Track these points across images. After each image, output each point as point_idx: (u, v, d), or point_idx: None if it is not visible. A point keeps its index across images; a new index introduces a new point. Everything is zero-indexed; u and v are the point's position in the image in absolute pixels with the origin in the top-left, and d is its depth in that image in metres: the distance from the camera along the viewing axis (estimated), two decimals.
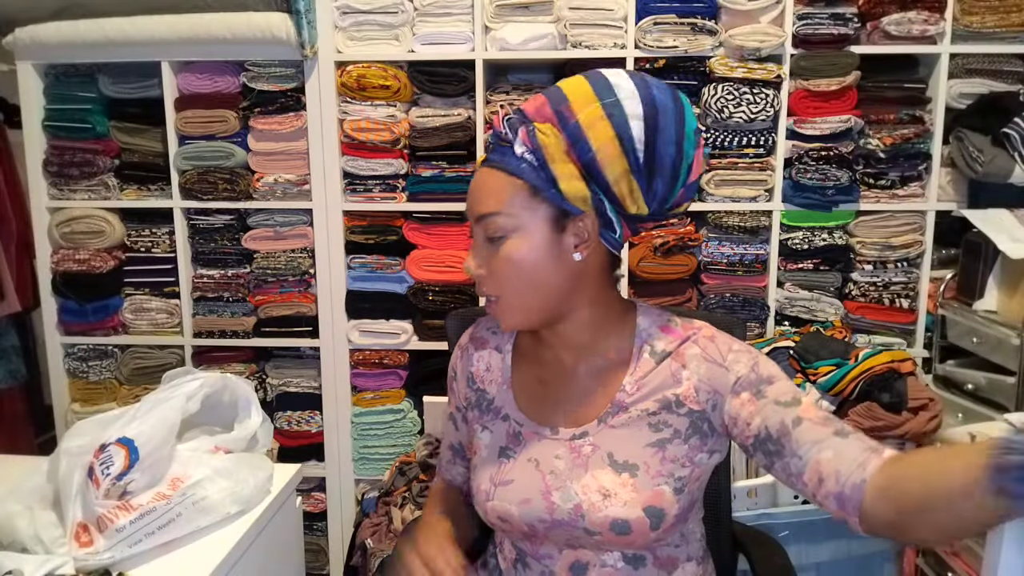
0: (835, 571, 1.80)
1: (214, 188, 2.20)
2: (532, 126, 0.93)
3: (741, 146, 2.10)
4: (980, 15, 2.03)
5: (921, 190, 2.13)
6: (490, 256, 0.97)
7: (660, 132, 0.93)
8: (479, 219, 0.97)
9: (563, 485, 0.98)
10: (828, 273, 2.17)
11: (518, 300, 0.98)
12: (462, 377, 1.14)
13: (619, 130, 0.92)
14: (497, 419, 1.07)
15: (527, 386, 1.07)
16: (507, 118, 0.96)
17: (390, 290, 2.25)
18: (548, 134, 0.92)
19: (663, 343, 1.01)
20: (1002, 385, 1.83)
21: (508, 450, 1.04)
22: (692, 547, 1.04)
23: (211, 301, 2.29)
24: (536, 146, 0.92)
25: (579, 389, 1.03)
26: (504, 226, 0.95)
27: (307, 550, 2.32)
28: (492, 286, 0.99)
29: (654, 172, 0.94)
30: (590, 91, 0.93)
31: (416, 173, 2.18)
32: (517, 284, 0.97)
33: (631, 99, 0.93)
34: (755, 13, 2.04)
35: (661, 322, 1.03)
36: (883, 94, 2.12)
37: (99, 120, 2.23)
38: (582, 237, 0.96)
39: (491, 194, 0.96)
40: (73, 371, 2.34)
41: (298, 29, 2.04)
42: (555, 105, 0.93)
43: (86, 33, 2.10)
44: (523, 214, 0.94)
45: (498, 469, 1.03)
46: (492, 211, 0.95)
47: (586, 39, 2.06)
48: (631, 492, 0.94)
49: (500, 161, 0.96)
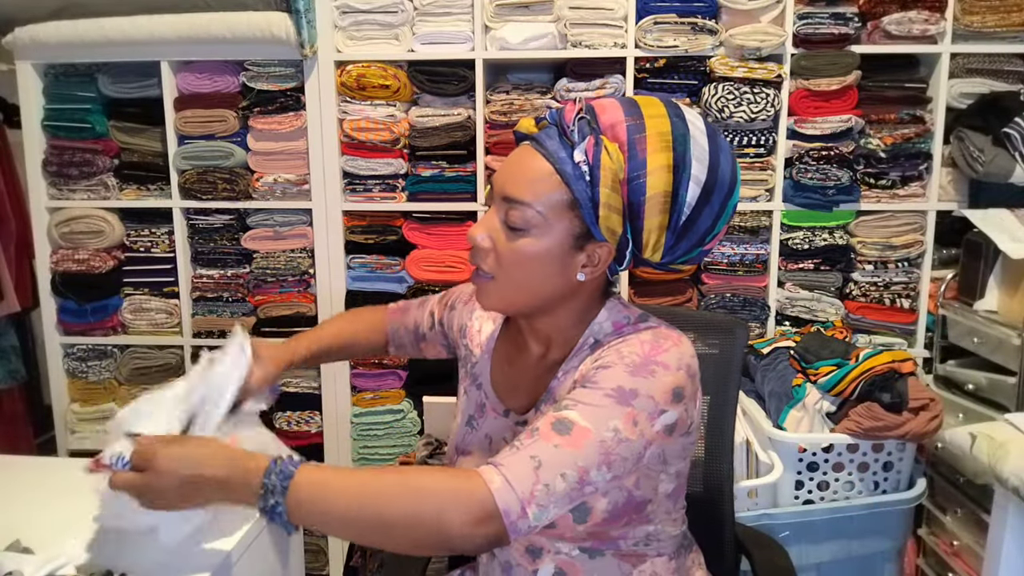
0: (836, 571, 1.80)
1: (213, 188, 2.19)
2: (601, 140, 0.90)
3: (742, 146, 2.10)
4: (981, 15, 2.03)
5: (922, 190, 2.13)
6: (501, 237, 0.95)
7: (709, 204, 0.92)
8: (507, 200, 0.93)
9: None
10: (829, 273, 2.16)
11: (509, 289, 0.97)
12: (456, 319, 1.20)
13: (677, 187, 0.90)
14: (473, 385, 1.12)
15: (501, 363, 1.10)
16: (579, 117, 0.91)
17: (390, 290, 2.24)
18: (612, 158, 0.89)
19: (604, 336, 1.00)
20: (1003, 385, 1.83)
21: (473, 420, 1.09)
22: (662, 544, 1.02)
23: (210, 301, 2.29)
24: (596, 164, 0.89)
25: (534, 376, 1.05)
26: (530, 221, 0.92)
27: (307, 550, 2.32)
28: (491, 265, 0.97)
29: (684, 235, 0.93)
30: (668, 134, 0.91)
31: (416, 173, 2.17)
32: (516, 276, 0.96)
33: (700, 161, 0.91)
34: (755, 13, 2.04)
35: (617, 318, 1.01)
36: (884, 94, 2.11)
37: (98, 120, 2.22)
38: (593, 262, 0.95)
39: (530, 182, 0.92)
40: (72, 371, 2.33)
41: (298, 29, 2.04)
42: (632, 133, 0.90)
43: (85, 33, 2.09)
44: (552, 217, 0.92)
45: (462, 438, 1.10)
46: (526, 200, 0.92)
47: (586, 39, 2.06)
48: None
49: (554, 154, 0.91)
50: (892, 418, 1.71)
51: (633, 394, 0.88)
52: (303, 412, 2.31)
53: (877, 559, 1.83)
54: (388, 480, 0.84)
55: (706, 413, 1.34)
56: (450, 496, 0.81)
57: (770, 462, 1.74)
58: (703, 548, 1.18)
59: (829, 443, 1.75)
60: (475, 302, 1.15)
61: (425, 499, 0.81)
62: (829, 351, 1.84)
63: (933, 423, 1.72)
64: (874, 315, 2.15)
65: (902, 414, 1.72)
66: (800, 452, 1.75)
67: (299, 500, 0.82)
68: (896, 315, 2.15)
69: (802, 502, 1.77)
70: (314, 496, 0.83)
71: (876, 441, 1.75)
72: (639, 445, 0.89)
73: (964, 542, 1.83)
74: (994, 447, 1.47)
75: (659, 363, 0.91)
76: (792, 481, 1.76)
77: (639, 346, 0.93)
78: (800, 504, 1.77)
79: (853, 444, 1.75)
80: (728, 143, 0.96)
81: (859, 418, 1.72)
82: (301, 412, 2.31)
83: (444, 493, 0.82)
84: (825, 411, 1.79)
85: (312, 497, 0.83)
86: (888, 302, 2.15)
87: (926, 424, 1.71)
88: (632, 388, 0.89)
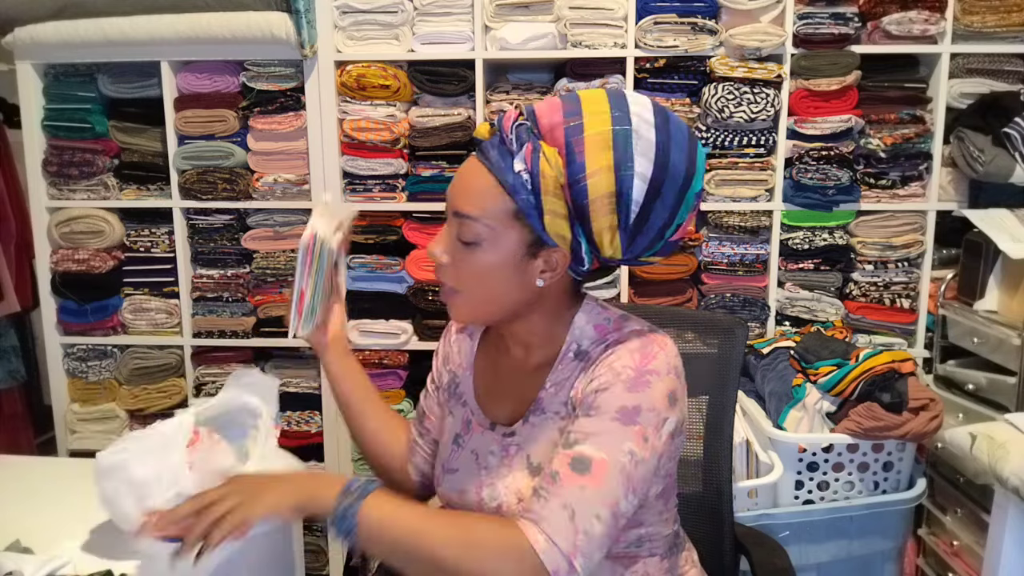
0: (835, 571, 1.80)
1: (213, 188, 2.19)
2: (540, 146, 0.88)
3: (741, 146, 2.10)
4: (981, 15, 2.03)
5: (922, 190, 2.13)
6: (457, 252, 0.95)
7: (661, 198, 0.89)
8: (457, 215, 0.94)
9: (492, 482, 1.00)
10: (829, 273, 2.16)
11: (475, 301, 0.98)
12: (441, 356, 1.18)
13: (620, 187, 0.88)
14: (458, 404, 1.11)
15: (485, 375, 1.09)
16: (518, 124, 0.90)
17: (390, 290, 2.24)
18: (551, 164, 0.87)
19: (588, 342, 0.99)
20: (1003, 385, 1.83)
21: (460, 438, 1.08)
22: (654, 545, 1.03)
23: (210, 301, 2.29)
24: (536, 172, 0.87)
25: (515, 385, 1.04)
26: (479, 234, 0.92)
27: (307, 550, 2.31)
28: (453, 279, 0.97)
29: (639, 231, 0.91)
30: (608, 132, 0.88)
31: (416, 173, 2.17)
32: (477, 288, 0.96)
33: (645, 156, 0.88)
34: (756, 12, 2.04)
35: (597, 320, 1.01)
36: (884, 94, 2.11)
37: (98, 120, 2.22)
38: (551, 266, 0.94)
39: (476, 196, 0.92)
40: (72, 371, 2.33)
41: (297, 29, 2.04)
42: (569, 134, 0.88)
43: (85, 33, 2.09)
44: (501, 229, 0.91)
45: (448, 456, 1.08)
46: (472, 215, 0.92)
47: (586, 39, 2.06)
48: None
49: (495, 166, 0.90)
50: (892, 418, 1.71)
51: (636, 411, 0.89)
52: (303, 412, 2.31)
53: (877, 559, 1.83)
54: (445, 524, 0.88)
55: (706, 413, 1.34)
56: (499, 554, 0.84)
57: (770, 462, 1.74)
58: (702, 548, 1.18)
59: (829, 443, 1.75)
60: (448, 335, 1.17)
61: (475, 553, 0.85)
62: (829, 351, 1.84)
63: (933, 423, 1.72)
64: (874, 315, 2.15)
65: (902, 414, 1.72)
66: (800, 452, 1.75)
67: (368, 518, 0.87)
68: (896, 315, 2.15)
69: (802, 502, 1.77)
70: (382, 517, 0.87)
71: (876, 441, 1.75)
72: (653, 460, 0.90)
73: (964, 542, 1.83)
74: (994, 447, 1.47)
75: (651, 372, 0.91)
76: (792, 481, 1.76)
77: (629, 358, 0.92)
78: (800, 504, 1.77)
79: (853, 444, 1.75)
80: (689, 131, 0.93)
81: (859, 418, 1.72)
82: (301, 412, 2.31)
83: (494, 550, 0.85)
84: (825, 411, 1.79)
85: (380, 517, 0.87)
86: (888, 302, 2.15)
87: (926, 424, 1.71)
88: (634, 405, 0.89)
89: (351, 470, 2.31)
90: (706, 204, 2.14)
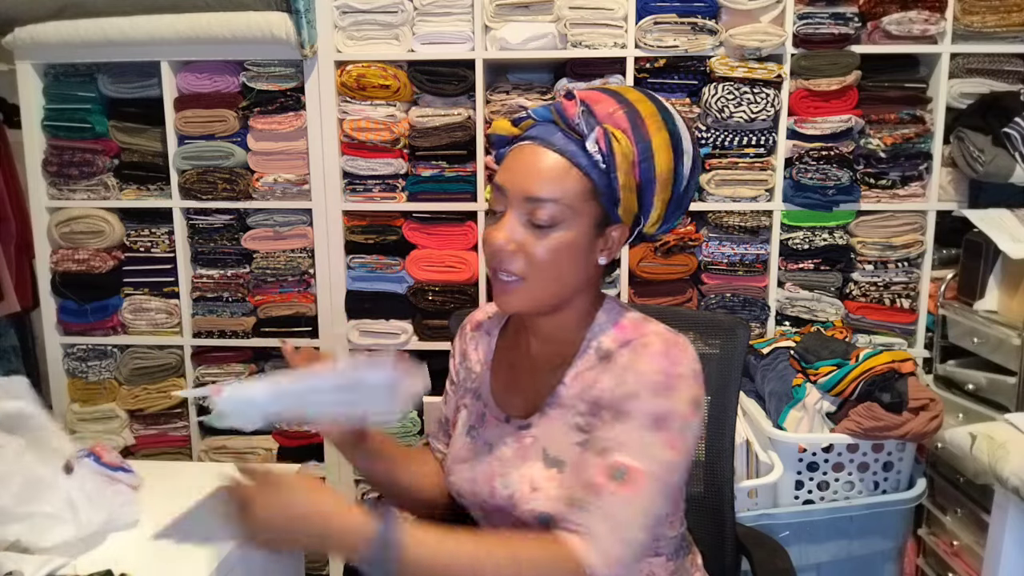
0: (836, 571, 1.80)
1: (214, 188, 2.19)
2: (608, 129, 0.93)
3: (741, 146, 2.10)
4: (980, 15, 2.03)
5: (922, 190, 2.13)
6: (528, 238, 0.96)
7: (695, 171, 1.00)
8: (531, 200, 0.94)
9: (506, 472, 1.01)
10: (829, 273, 2.16)
11: (540, 287, 0.98)
12: (458, 354, 1.19)
13: (676, 162, 0.97)
14: (473, 398, 1.12)
15: (502, 370, 1.11)
16: (582, 111, 0.94)
17: (390, 290, 2.24)
18: (622, 143, 0.93)
19: (609, 340, 1.01)
20: (1003, 385, 1.83)
21: (473, 430, 1.10)
22: (660, 545, 1.05)
23: (210, 301, 2.29)
24: (610, 152, 0.92)
25: (535, 378, 1.06)
26: (557, 216, 0.94)
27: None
28: (520, 266, 0.96)
29: (679, 206, 1.00)
30: (658, 115, 0.96)
31: (416, 173, 2.17)
32: (548, 273, 0.97)
33: (686, 136, 0.98)
34: (756, 13, 2.04)
35: (617, 319, 1.03)
36: (884, 94, 2.11)
37: (98, 120, 2.22)
38: (609, 244, 0.99)
39: (551, 179, 0.94)
40: (72, 371, 2.33)
41: (298, 29, 2.04)
42: (631, 118, 0.95)
43: (86, 33, 2.09)
44: (577, 207, 0.95)
45: (461, 446, 1.09)
46: (551, 197, 0.94)
47: (586, 39, 2.06)
48: (556, 488, 0.96)
49: (565, 149, 0.94)
50: (892, 418, 1.71)
51: (665, 417, 0.91)
52: None
53: (877, 559, 1.83)
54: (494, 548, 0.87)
55: (707, 413, 1.34)
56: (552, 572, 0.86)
57: (770, 462, 1.74)
58: (704, 548, 1.19)
59: (829, 443, 1.75)
60: (465, 334, 1.19)
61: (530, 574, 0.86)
62: (829, 351, 1.84)
63: (933, 423, 1.72)
64: (874, 315, 2.15)
65: (902, 414, 1.72)
66: (800, 452, 1.75)
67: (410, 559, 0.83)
68: (896, 315, 2.15)
69: (802, 502, 1.78)
70: (424, 556, 0.83)
71: (876, 441, 1.75)
72: (683, 464, 0.93)
73: (964, 542, 1.83)
74: (994, 447, 1.47)
75: (677, 376, 0.94)
76: (792, 481, 1.76)
77: (656, 362, 0.94)
78: (800, 504, 1.77)
79: (853, 444, 1.75)
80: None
81: (859, 418, 1.72)
82: None
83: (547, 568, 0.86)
84: (825, 411, 1.79)
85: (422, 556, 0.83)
86: (888, 302, 2.15)
87: (926, 424, 1.71)
88: (664, 411, 0.92)
89: (351, 470, 2.31)
90: (706, 204, 2.14)
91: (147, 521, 1.25)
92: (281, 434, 2.31)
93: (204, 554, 1.13)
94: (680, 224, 2.15)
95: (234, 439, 2.32)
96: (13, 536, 1.09)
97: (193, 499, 0.89)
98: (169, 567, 1.10)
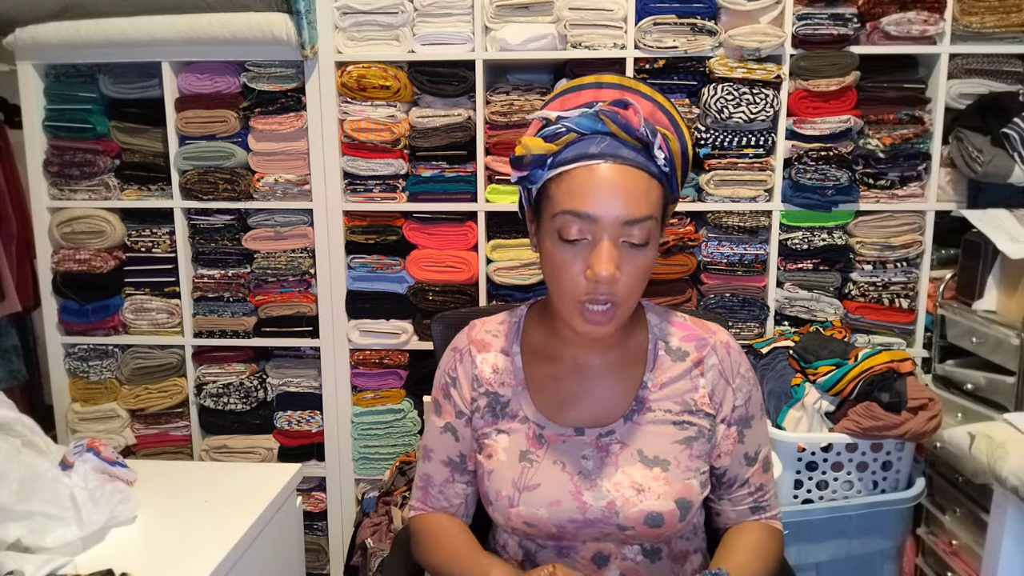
0: (835, 570, 1.81)
1: (214, 188, 2.20)
2: (659, 131, 0.94)
3: (741, 146, 2.10)
4: (980, 15, 2.03)
5: (921, 190, 2.13)
6: (627, 259, 0.93)
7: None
8: (633, 223, 0.91)
9: (594, 484, 1.00)
10: (828, 273, 2.17)
11: (629, 307, 0.97)
12: (465, 381, 1.09)
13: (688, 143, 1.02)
14: (514, 422, 1.05)
15: (543, 386, 1.06)
16: (645, 120, 0.93)
17: (390, 290, 2.25)
18: (672, 141, 0.96)
19: (676, 340, 1.06)
20: (1002, 385, 1.84)
21: (530, 454, 1.03)
22: (698, 539, 1.09)
23: (211, 301, 2.29)
24: (671, 154, 0.95)
25: (598, 386, 1.05)
26: (651, 231, 0.94)
27: (307, 550, 2.32)
28: (622, 290, 0.94)
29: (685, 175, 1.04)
30: (664, 97, 1.00)
31: (416, 173, 2.18)
32: (640, 288, 0.97)
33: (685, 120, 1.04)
34: (755, 13, 2.04)
35: (668, 317, 1.09)
36: (883, 94, 2.12)
37: (99, 120, 2.23)
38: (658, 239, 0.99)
39: (641, 196, 0.92)
40: (73, 371, 2.34)
41: (298, 29, 2.05)
42: (667, 115, 0.99)
43: (86, 33, 2.10)
44: (658, 217, 0.97)
45: (520, 473, 1.02)
46: (648, 215, 0.92)
47: (586, 39, 2.06)
48: (664, 486, 0.99)
49: (639, 163, 0.93)
50: (891, 418, 1.71)
51: (763, 402, 1.12)
52: (303, 412, 2.32)
53: (876, 558, 1.84)
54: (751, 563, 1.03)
55: None
56: (780, 551, 1.11)
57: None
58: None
59: (828, 443, 1.75)
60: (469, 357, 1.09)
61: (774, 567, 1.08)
62: (828, 351, 1.85)
63: (932, 423, 1.72)
64: (873, 315, 2.15)
65: (901, 414, 1.72)
66: (799, 451, 1.75)
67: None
68: (895, 315, 2.15)
69: (801, 501, 1.78)
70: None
71: (875, 441, 1.75)
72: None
73: (963, 541, 1.83)
74: (993, 447, 1.47)
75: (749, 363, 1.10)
76: (791, 480, 1.77)
77: (743, 358, 1.08)
78: (799, 503, 1.78)
79: (852, 444, 1.75)
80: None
81: (858, 418, 1.73)
82: (301, 412, 2.32)
83: (779, 550, 1.10)
84: (824, 411, 1.79)
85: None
86: (887, 302, 2.15)
87: (925, 424, 1.72)
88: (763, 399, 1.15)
89: (352, 470, 2.32)
90: (705, 204, 2.14)
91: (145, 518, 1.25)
92: (281, 434, 2.32)
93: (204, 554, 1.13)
94: (680, 224, 2.16)
95: (235, 439, 2.33)
96: (13, 536, 1.10)
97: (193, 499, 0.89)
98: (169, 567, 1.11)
